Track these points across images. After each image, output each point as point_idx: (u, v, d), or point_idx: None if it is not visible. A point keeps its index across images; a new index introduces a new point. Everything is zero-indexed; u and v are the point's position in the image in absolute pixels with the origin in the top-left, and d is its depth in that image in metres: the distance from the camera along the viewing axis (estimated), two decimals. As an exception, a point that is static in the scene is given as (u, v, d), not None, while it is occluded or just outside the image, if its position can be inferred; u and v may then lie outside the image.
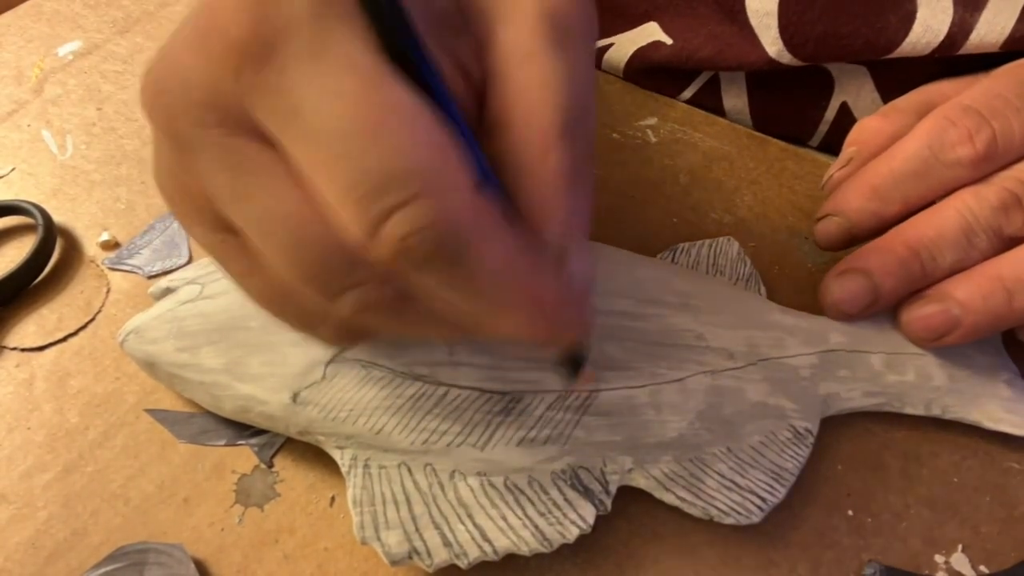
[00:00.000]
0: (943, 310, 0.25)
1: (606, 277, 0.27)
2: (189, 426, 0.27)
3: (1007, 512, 0.25)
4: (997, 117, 0.25)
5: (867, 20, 0.32)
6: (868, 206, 0.27)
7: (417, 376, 0.23)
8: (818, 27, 0.33)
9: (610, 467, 0.24)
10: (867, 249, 0.27)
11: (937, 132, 0.26)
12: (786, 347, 0.27)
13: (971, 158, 0.25)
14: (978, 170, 0.26)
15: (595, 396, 0.24)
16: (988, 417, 0.26)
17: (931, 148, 0.26)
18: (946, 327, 0.25)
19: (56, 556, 0.24)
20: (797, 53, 0.34)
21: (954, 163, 0.26)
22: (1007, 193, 0.25)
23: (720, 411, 0.25)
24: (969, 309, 0.25)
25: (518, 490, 0.23)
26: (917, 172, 0.26)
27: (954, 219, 0.25)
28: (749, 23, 0.34)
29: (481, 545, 0.22)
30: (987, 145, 0.25)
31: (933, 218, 0.26)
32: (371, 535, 0.22)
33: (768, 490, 0.24)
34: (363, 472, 0.23)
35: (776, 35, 0.34)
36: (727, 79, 0.38)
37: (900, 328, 0.27)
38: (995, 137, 0.25)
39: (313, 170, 0.16)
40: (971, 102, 0.26)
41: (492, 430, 0.23)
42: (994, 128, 0.25)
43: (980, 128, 0.25)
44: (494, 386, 0.24)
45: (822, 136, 0.37)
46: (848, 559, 0.24)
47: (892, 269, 0.26)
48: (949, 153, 0.26)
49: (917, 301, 0.26)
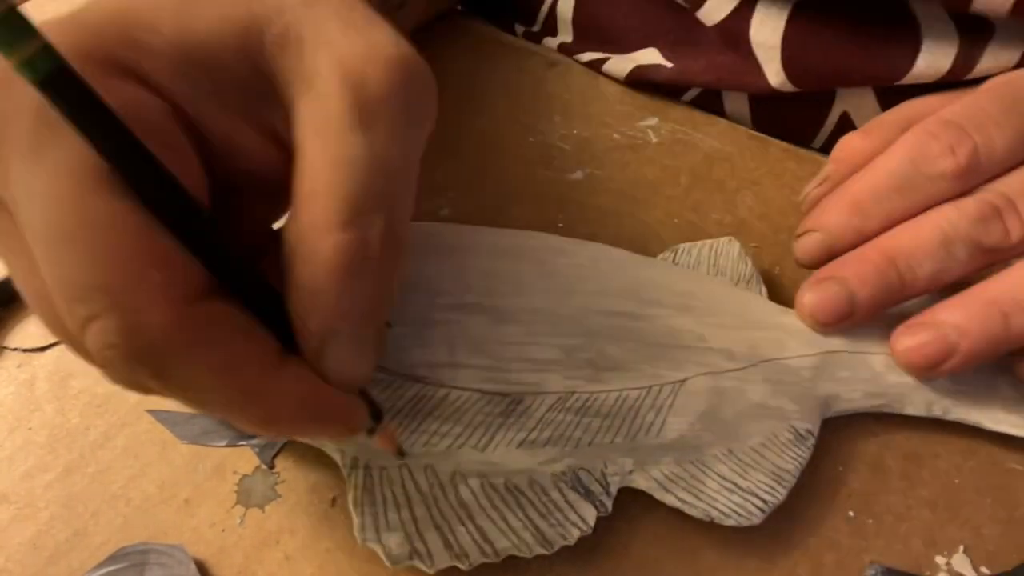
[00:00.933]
0: (939, 337, 0.25)
1: (606, 277, 0.27)
2: (190, 427, 0.27)
3: (1008, 513, 0.25)
4: (979, 131, 0.25)
5: (870, 53, 0.32)
6: (850, 222, 0.27)
7: (417, 378, 0.23)
8: (820, 61, 0.33)
9: (611, 468, 0.24)
10: (844, 258, 0.27)
11: (919, 146, 0.26)
12: (787, 348, 0.27)
13: (953, 171, 0.25)
14: (960, 183, 0.25)
15: (596, 397, 0.24)
16: (989, 418, 0.26)
17: (913, 162, 0.26)
18: (943, 354, 0.25)
19: (57, 556, 0.24)
20: (799, 84, 0.34)
21: (936, 176, 0.25)
22: (986, 204, 0.25)
23: (721, 412, 0.25)
24: (965, 334, 0.24)
25: (519, 492, 0.23)
26: (899, 187, 0.26)
27: (932, 229, 0.25)
28: (753, 54, 0.34)
29: (482, 547, 0.22)
30: (969, 158, 0.25)
31: (912, 229, 0.26)
32: (372, 537, 0.22)
33: (769, 491, 0.24)
34: (364, 474, 0.23)
35: (779, 67, 0.34)
36: (729, 94, 0.38)
37: (896, 359, 0.26)
38: (976, 150, 0.25)
39: (37, 258, 0.16)
40: (952, 116, 0.26)
41: (493, 432, 0.23)
42: (976, 141, 0.25)
43: (961, 141, 0.25)
44: (495, 388, 0.24)
45: (822, 142, 0.37)
46: (849, 560, 0.24)
47: (868, 279, 0.25)
48: (931, 166, 0.25)
49: (909, 330, 0.26)
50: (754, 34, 0.34)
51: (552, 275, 0.26)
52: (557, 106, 0.37)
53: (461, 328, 0.24)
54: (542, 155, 0.35)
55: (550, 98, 0.38)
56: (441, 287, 0.25)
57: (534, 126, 0.37)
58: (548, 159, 0.35)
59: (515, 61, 0.40)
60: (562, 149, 0.36)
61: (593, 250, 0.28)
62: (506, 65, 0.39)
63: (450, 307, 0.24)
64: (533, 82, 0.38)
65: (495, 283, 0.25)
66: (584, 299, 0.26)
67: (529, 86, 0.38)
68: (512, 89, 0.38)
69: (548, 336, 0.25)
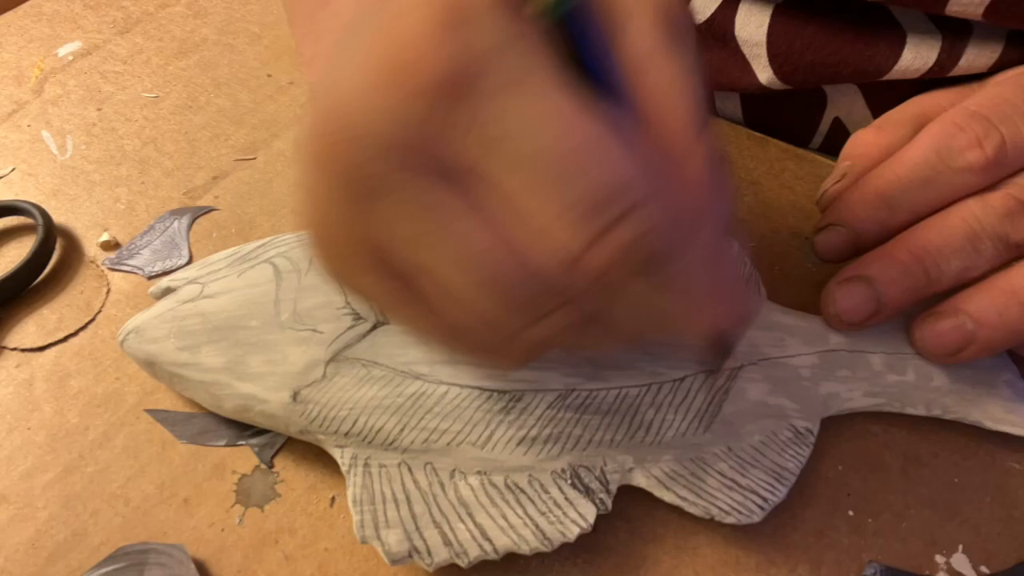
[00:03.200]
0: (957, 325, 0.25)
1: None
2: (189, 426, 0.27)
3: (1008, 512, 0.25)
4: (1005, 122, 0.25)
5: (855, 49, 0.32)
6: (875, 215, 0.26)
7: (417, 375, 0.23)
8: (807, 56, 0.33)
9: (611, 466, 0.24)
10: (870, 257, 0.26)
11: (945, 138, 0.25)
12: (786, 347, 0.27)
13: (981, 163, 0.25)
14: (987, 176, 0.25)
15: (596, 395, 0.24)
16: (989, 417, 0.26)
17: (939, 154, 0.25)
18: (961, 343, 0.25)
19: (56, 556, 0.24)
20: (787, 80, 0.34)
21: (963, 169, 0.25)
22: (1013, 200, 0.25)
23: (720, 410, 0.25)
24: (983, 323, 0.24)
25: (518, 489, 0.23)
26: (926, 179, 0.26)
27: (959, 226, 0.25)
28: (740, 51, 0.34)
29: (481, 544, 0.22)
30: (997, 150, 0.25)
31: (938, 225, 0.25)
32: (371, 534, 0.22)
33: (769, 490, 0.24)
34: (363, 471, 0.23)
35: (766, 63, 0.34)
36: (721, 95, 0.38)
37: (915, 345, 0.26)
38: (1004, 142, 0.25)
39: (524, 196, 0.16)
40: (977, 108, 0.26)
41: (492, 429, 0.23)
42: (1003, 133, 0.25)
43: (989, 133, 0.25)
44: (494, 385, 0.24)
45: (816, 147, 0.37)
46: (848, 559, 0.24)
47: (896, 277, 0.25)
48: (958, 159, 0.25)
49: (930, 317, 0.26)
50: (739, 30, 0.34)
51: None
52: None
53: (461, 327, 0.24)
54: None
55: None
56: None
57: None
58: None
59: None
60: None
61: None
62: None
63: (450, 306, 0.24)
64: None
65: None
66: (584, 298, 0.26)
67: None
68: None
69: (548, 335, 0.25)
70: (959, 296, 0.25)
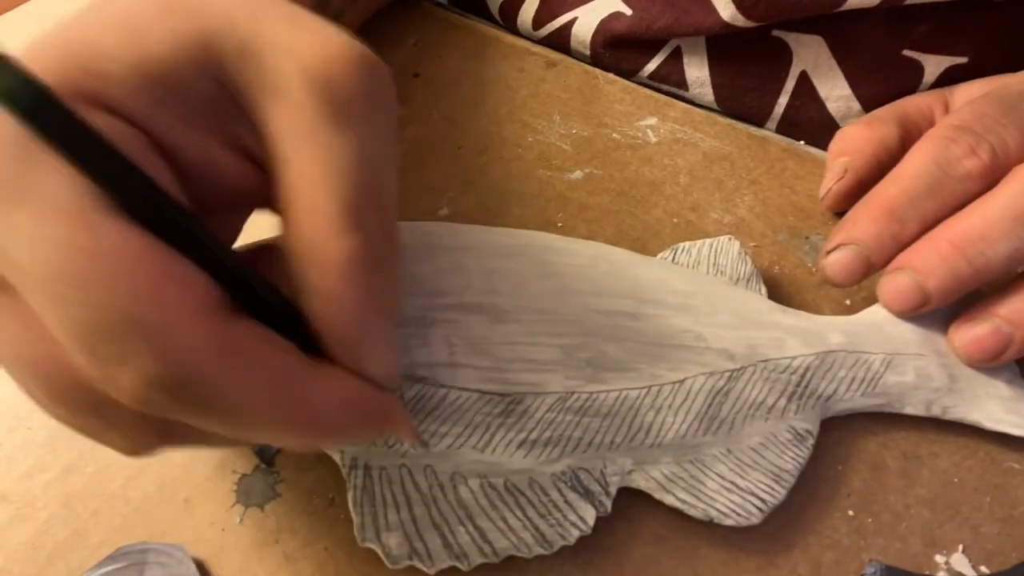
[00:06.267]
0: (993, 330, 0.26)
1: (606, 277, 0.27)
2: (189, 426, 0.27)
3: (1007, 512, 0.25)
4: (989, 132, 0.26)
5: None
6: (887, 229, 0.27)
7: (417, 378, 0.23)
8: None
9: (610, 468, 0.24)
10: (912, 248, 0.26)
11: (940, 150, 0.26)
12: (786, 347, 0.27)
13: (980, 169, 0.26)
14: (985, 181, 0.26)
15: (595, 397, 0.24)
16: (988, 417, 0.26)
17: (938, 164, 0.26)
18: (1000, 346, 0.26)
19: (56, 556, 0.24)
20: (749, 15, 0.34)
21: (964, 176, 0.26)
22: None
23: (720, 412, 0.25)
24: (1018, 325, 0.25)
25: (518, 492, 0.23)
26: (931, 187, 0.26)
27: (1001, 207, 0.25)
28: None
29: (481, 547, 0.22)
30: (990, 156, 0.26)
31: (979, 209, 0.25)
32: (371, 537, 0.22)
33: (768, 491, 0.24)
34: (363, 474, 0.23)
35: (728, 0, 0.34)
36: (689, 51, 0.38)
37: (957, 354, 0.27)
38: (995, 150, 0.26)
39: (41, 315, 0.15)
40: (961, 123, 0.27)
41: (492, 432, 0.23)
42: (991, 142, 0.26)
43: (979, 142, 0.26)
44: (494, 388, 0.24)
45: (783, 108, 0.38)
46: (848, 559, 0.24)
47: (935, 268, 0.26)
48: (957, 167, 0.26)
49: (965, 324, 0.26)
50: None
51: (552, 275, 0.26)
52: (556, 105, 0.37)
53: (461, 328, 0.24)
54: (541, 154, 0.35)
55: (549, 98, 0.38)
56: (441, 287, 0.25)
57: (533, 125, 0.37)
58: (547, 159, 0.35)
59: (515, 61, 0.40)
60: (561, 148, 0.36)
61: (593, 250, 0.28)
62: (506, 65, 0.39)
63: (450, 307, 0.24)
64: (533, 82, 0.38)
65: (495, 283, 0.25)
66: (584, 299, 0.26)
67: (529, 86, 0.38)
68: (512, 89, 0.38)
69: (548, 336, 0.25)
70: (991, 299, 0.26)
